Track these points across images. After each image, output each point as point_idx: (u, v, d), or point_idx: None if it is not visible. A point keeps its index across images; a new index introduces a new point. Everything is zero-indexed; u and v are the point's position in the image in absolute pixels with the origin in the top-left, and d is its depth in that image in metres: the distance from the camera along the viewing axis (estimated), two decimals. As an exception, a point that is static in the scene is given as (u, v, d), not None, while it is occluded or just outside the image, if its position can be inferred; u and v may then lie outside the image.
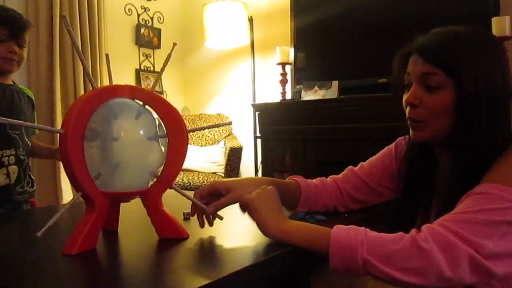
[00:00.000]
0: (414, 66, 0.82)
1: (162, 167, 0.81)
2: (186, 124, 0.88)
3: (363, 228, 0.71)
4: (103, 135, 0.75)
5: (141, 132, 0.77)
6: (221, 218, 0.89)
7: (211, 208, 0.86)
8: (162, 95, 3.67)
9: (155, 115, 0.83)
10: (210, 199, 0.89)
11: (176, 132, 0.82)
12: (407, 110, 0.84)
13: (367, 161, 1.05)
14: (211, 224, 0.89)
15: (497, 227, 0.65)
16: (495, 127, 0.75)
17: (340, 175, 1.06)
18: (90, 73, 0.82)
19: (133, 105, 0.79)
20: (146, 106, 0.82)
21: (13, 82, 1.50)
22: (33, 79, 2.75)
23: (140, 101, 0.82)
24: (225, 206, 0.88)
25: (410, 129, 0.85)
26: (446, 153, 0.84)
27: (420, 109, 0.80)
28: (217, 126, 0.95)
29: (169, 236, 0.81)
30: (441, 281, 0.65)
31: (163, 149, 0.81)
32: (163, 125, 0.83)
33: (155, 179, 0.82)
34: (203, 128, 0.92)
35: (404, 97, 0.84)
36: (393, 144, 1.02)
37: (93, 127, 0.74)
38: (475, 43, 0.78)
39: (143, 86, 3.36)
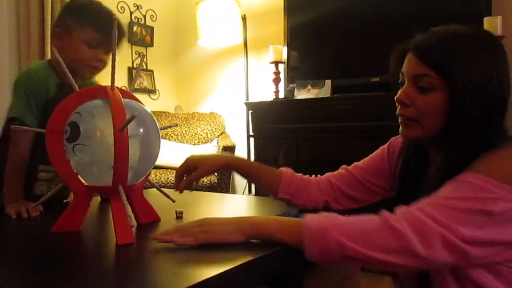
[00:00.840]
0: (408, 66, 0.82)
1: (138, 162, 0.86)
2: (179, 122, 0.93)
3: (334, 213, 0.72)
4: (84, 135, 0.81)
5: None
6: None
7: (183, 186, 1.00)
8: (155, 94, 3.66)
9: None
10: (188, 174, 1.02)
11: (148, 129, 0.88)
12: (398, 107, 0.84)
13: (361, 160, 1.05)
14: (181, 191, 1.01)
15: (473, 216, 0.66)
16: (488, 128, 0.74)
17: (334, 173, 1.07)
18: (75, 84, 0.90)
19: (107, 106, 0.83)
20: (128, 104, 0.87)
21: (83, 81, 1.34)
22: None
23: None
24: (192, 182, 1.00)
25: (401, 126, 0.84)
26: (438, 151, 0.84)
27: (412, 108, 0.80)
28: (165, 128, 1.06)
29: (149, 221, 0.97)
30: (418, 260, 0.65)
31: (140, 146, 0.85)
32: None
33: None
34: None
35: (397, 95, 0.84)
36: (387, 144, 1.03)
37: (74, 127, 0.81)
38: (473, 44, 0.76)
39: (135, 84, 3.34)
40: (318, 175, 1.09)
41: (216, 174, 3.03)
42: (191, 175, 1.01)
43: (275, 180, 1.04)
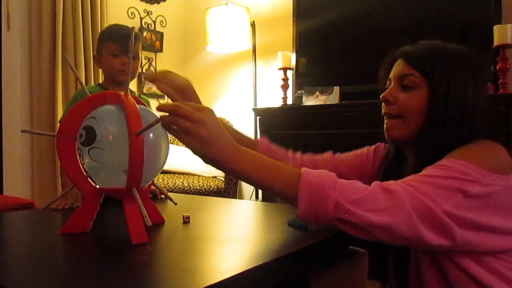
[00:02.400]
0: (395, 69, 0.90)
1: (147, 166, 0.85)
2: None
3: (333, 173, 0.72)
4: (99, 138, 0.83)
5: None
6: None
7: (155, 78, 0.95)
8: (163, 99, 3.69)
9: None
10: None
11: (157, 134, 0.87)
12: (383, 107, 0.89)
13: (345, 154, 1.09)
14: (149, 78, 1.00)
15: (454, 194, 0.68)
16: (460, 128, 0.79)
17: (318, 156, 1.09)
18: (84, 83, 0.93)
19: (120, 111, 0.85)
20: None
21: (131, 91, 1.52)
22: (35, 80, 2.76)
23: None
24: (162, 85, 0.95)
25: (386, 126, 0.89)
26: (413, 152, 0.88)
27: (395, 105, 0.86)
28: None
29: (153, 223, 0.92)
30: (409, 222, 0.67)
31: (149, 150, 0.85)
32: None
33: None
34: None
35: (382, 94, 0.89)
36: (373, 147, 1.06)
37: (89, 131, 0.83)
38: (455, 57, 0.83)
39: (144, 90, 3.36)
40: (299, 152, 1.09)
41: (223, 180, 3.03)
42: (172, 92, 0.95)
43: (249, 148, 1.00)
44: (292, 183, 0.70)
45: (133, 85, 3.45)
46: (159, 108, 0.72)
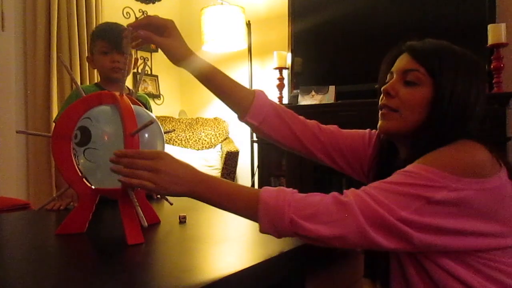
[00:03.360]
0: (399, 63, 0.86)
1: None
2: (183, 127, 0.94)
3: (291, 189, 0.75)
4: (94, 139, 0.83)
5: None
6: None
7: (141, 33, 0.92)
8: (159, 99, 3.68)
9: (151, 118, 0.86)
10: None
11: (152, 134, 0.88)
12: (382, 98, 0.87)
13: (345, 130, 1.06)
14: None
15: (412, 201, 0.69)
16: (453, 130, 0.79)
17: (322, 125, 1.07)
18: (79, 84, 0.94)
19: (115, 111, 0.86)
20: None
21: (129, 89, 1.55)
22: (30, 80, 2.75)
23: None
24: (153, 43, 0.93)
25: (380, 118, 0.88)
26: (405, 147, 0.88)
27: (396, 99, 0.84)
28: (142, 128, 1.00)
29: (149, 223, 0.93)
30: (360, 232, 0.69)
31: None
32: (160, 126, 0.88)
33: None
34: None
35: (383, 86, 0.87)
36: (367, 132, 1.04)
37: (84, 131, 0.83)
38: (461, 59, 0.82)
39: (139, 89, 3.35)
40: (301, 116, 1.07)
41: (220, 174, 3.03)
42: (152, 35, 0.94)
43: (245, 99, 0.99)
44: (253, 206, 0.73)
45: (128, 83, 3.44)
46: (113, 160, 0.75)
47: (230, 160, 3.06)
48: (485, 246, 0.72)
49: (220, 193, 0.76)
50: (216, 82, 0.99)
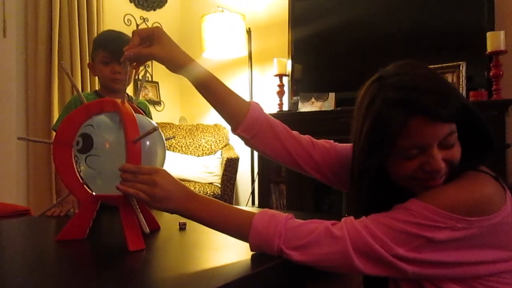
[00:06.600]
0: (427, 134, 0.70)
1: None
2: (183, 134, 0.95)
3: (285, 217, 0.74)
4: (96, 146, 0.83)
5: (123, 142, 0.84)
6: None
7: (130, 53, 0.87)
8: (159, 105, 3.69)
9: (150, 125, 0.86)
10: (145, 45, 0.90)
11: (153, 141, 0.89)
12: (417, 176, 0.75)
13: (341, 145, 1.02)
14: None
15: (413, 239, 0.67)
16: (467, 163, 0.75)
17: (315, 140, 1.03)
18: (81, 91, 0.94)
19: (117, 119, 0.86)
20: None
21: (129, 96, 1.54)
22: (31, 86, 2.76)
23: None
24: (144, 57, 0.90)
25: (429, 185, 0.74)
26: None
27: (444, 166, 0.72)
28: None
29: (153, 228, 0.95)
30: (349, 265, 0.69)
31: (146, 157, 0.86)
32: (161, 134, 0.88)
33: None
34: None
35: (412, 165, 0.73)
36: None
37: (86, 138, 0.84)
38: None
39: (140, 96, 3.36)
40: (295, 132, 1.03)
41: (220, 186, 3.03)
42: (147, 49, 0.88)
43: (239, 110, 0.93)
44: (244, 231, 0.75)
45: (129, 90, 3.45)
46: (122, 169, 0.78)
47: (230, 167, 3.07)
48: (488, 272, 0.69)
49: (212, 213, 0.77)
50: (210, 90, 0.96)
